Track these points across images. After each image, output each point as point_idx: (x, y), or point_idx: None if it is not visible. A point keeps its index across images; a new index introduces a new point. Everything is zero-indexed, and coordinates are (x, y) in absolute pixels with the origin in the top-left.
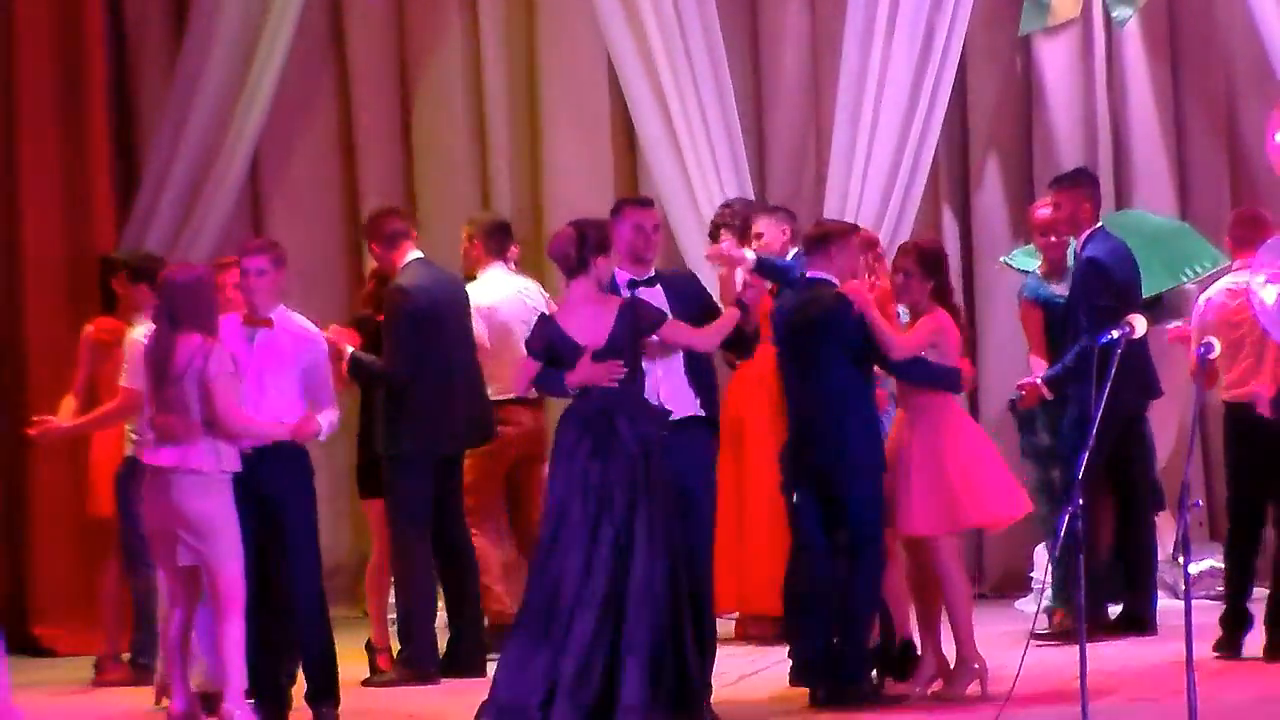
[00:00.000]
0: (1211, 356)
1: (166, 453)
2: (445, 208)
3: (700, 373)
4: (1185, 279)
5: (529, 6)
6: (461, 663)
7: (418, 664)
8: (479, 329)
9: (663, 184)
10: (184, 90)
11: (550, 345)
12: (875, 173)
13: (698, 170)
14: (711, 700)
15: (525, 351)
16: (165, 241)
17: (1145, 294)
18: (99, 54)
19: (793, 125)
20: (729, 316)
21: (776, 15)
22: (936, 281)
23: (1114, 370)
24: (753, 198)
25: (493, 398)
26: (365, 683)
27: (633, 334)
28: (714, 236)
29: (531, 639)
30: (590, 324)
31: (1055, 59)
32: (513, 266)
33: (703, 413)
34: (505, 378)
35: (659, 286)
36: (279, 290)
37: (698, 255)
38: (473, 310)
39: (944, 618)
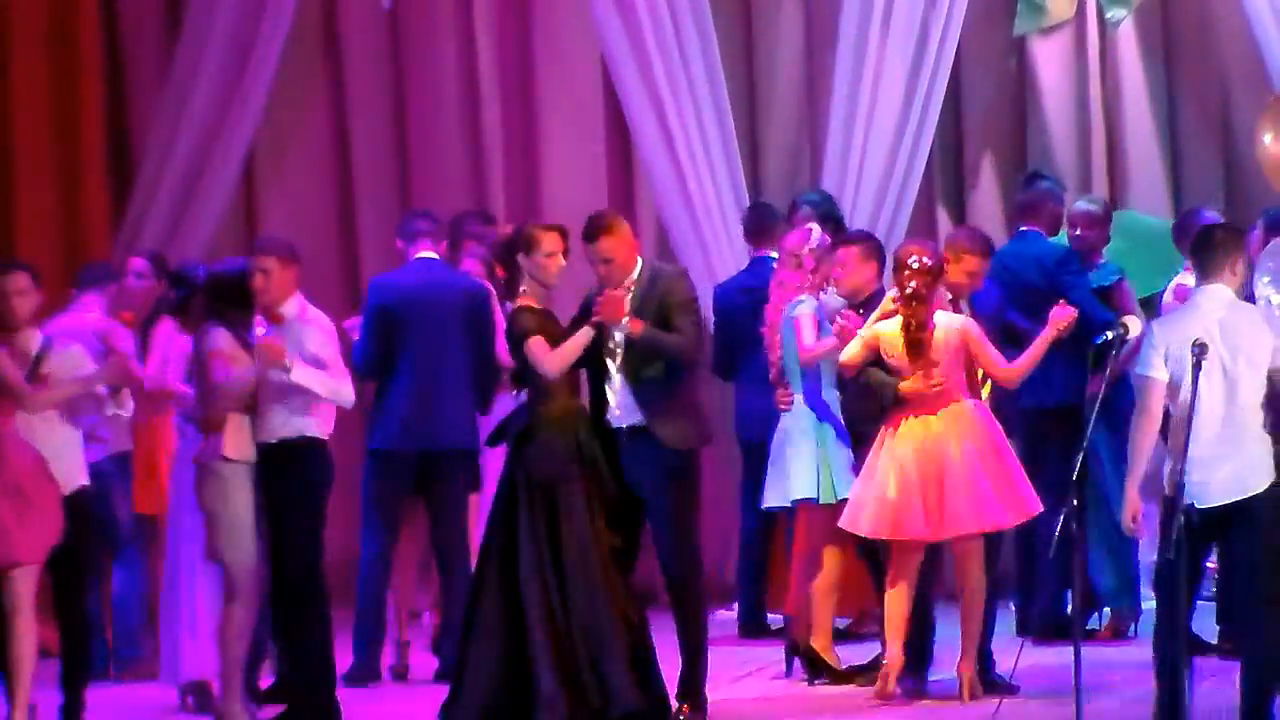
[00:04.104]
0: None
1: (199, 447)
2: (440, 209)
3: (651, 384)
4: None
5: (523, 7)
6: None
7: (361, 668)
8: None
9: (657, 186)
10: (178, 90)
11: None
12: (870, 173)
13: (692, 172)
14: (706, 701)
15: None
16: (159, 242)
17: (1140, 295)
18: (94, 54)
19: (787, 126)
20: (581, 335)
21: (771, 16)
22: None
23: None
24: (746, 197)
25: None
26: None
27: (512, 345)
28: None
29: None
30: None
31: (1049, 60)
32: None
33: (644, 422)
34: None
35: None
36: (289, 287)
37: (692, 256)
38: None
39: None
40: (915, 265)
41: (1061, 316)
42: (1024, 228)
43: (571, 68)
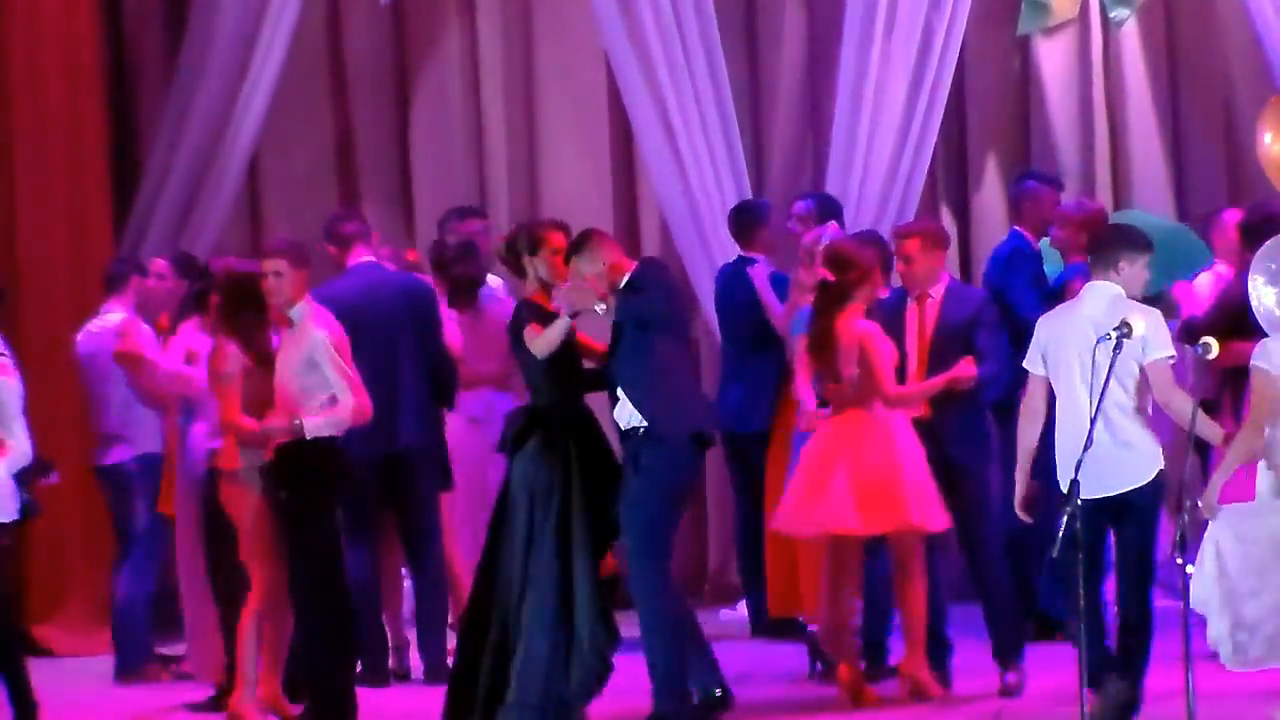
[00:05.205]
0: (1209, 357)
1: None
2: (442, 209)
3: (645, 384)
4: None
5: (526, 7)
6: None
7: (368, 673)
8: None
9: (660, 185)
10: (182, 92)
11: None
12: (874, 173)
13: (695, 170)
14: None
15: None
16: (163, 243)
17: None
18: (97, 54)
19: (791, 125)
20: (559, 325)
21: (774, 15)
22: None
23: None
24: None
25: None
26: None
27: (512, 338)
28: None
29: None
30: None
31: (1053, 59)
32: None
33: (642, 424)
34: None
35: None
36: (300, 289)
37: (693, 254)
38: None
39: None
40: (823, 279)
41: (960, 372)
42: (1014, 227)
43: (574, 66)
